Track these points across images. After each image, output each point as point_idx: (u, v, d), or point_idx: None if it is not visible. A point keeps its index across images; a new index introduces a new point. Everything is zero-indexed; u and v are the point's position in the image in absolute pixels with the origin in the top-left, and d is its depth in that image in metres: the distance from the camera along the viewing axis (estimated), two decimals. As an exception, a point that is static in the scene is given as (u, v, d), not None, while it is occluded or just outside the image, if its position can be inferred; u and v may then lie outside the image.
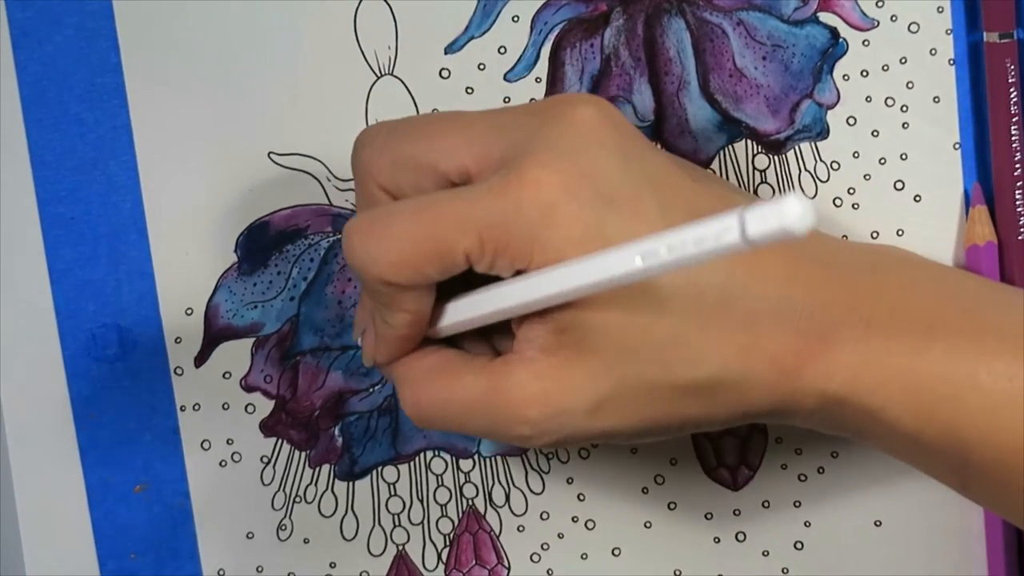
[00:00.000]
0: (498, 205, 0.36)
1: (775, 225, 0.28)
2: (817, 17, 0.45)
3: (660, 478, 0.47)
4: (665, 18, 0.46)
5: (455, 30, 0.46)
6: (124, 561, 0.47)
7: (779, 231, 0.28)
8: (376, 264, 0.37)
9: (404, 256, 0.37)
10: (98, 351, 0.46)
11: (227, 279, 0.47)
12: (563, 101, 0.38)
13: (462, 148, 0.38)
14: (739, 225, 0.29)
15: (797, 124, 0.46)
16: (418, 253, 0.37)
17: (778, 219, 0.28)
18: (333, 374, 0.47)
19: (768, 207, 0.28)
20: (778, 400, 0.38)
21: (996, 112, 0.45)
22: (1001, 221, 0.45)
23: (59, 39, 0.45)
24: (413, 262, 0.37)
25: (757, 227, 0.28)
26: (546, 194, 0.36)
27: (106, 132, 0.46)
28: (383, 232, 0.37)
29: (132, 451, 0.47)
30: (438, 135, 0.39)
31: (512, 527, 0.48)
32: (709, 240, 0.29)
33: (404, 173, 0.39)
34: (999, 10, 0.45)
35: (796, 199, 0.28)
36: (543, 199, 0.36)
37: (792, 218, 0.28)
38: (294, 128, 0.46)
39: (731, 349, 0.38)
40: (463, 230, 0.36)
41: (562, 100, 0.38)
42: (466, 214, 0.36)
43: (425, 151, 0.38)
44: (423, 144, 0.39)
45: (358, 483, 0.47)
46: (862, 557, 0.47)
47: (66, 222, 0.46)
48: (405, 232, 0.37)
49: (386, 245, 0.37)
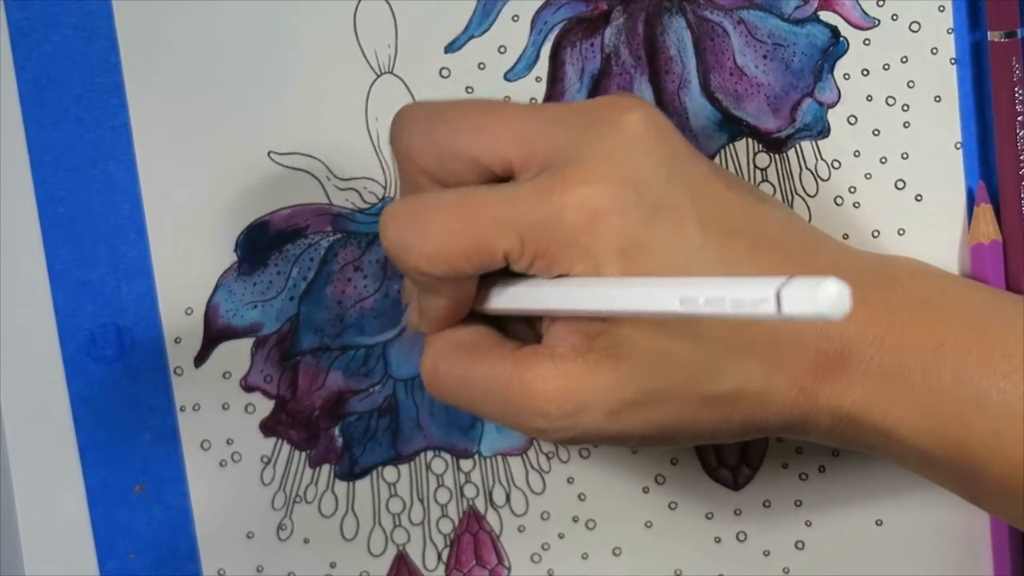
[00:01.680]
0: (541, 208, 0.36)
1: (811, 309, 0.29)
2: (818, 16, 0.45)
3: (661, 478, 0.47)
4: (665, 17, 0.45)
5: (455, 29, 0.46)
6: (123, 561, 0.47)
7: (813, 314, 0.29)
8: (411, 254, 0.37)
9: (441, 249, 0.37)
10: (97, 351, 0.46)
11: (227, 279, 0.46)
12: (611, 105, 0.38)
13: (506, 143, 0.38)
14: (775, 299, 0.30)
15: (798, 123, 0.46)
16: (455, 248, 0.37)
17: (814, 304, 0.29)
18: (333, 374, 0.47)
19: (806, 288, 0.29)
20: (795, 417, 0.39)
21: (1000, 111, 0.45)
22: (1005, 220, 0.45)
23: (58, 39, 0.45)
24: (449, 256, 0.37)
25: (792, 306, 0.29)
26: (590, 202, 0.36)
27: (105, 132, 0.46)
28: (421, 223, 0.37)
29: (131, 451, 0.47)
30: (482, 128, 0.38)
31: (512, 527, 0.48)
32: (745, 305, 0.31)
33: (445, 161, 0.38)
34: (1002, 9, 0.44)
35: (834, 284, 0.29)
36: (587, 205, 0.36)
37: (827, 303, 0.29)
38: (294, 127, 0.46)
39: (754, 366, 0.38)
40: (503, 230, 0.36)
41: (611, 104, 0.38)
42: (508, 214, 0.36)
43: (468, 143, 0.38)
44: (465, 136, 0.38)
45: (358, 483, 0.47)
46: (863, 557, 0.47)
47: (65, 222, 0.46)
48: (443, 225, 0.37)
49: (423, 236, 0.37)
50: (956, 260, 0.46)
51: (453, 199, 0.37)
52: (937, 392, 0.38)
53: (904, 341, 0.38)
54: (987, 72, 0.45)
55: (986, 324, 0.39)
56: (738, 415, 0.38)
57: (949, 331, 0.38)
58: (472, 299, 0.39)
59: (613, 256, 0.36)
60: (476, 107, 0.39)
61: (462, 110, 0.39)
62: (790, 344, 0.38)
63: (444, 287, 0.38)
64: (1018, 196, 0.45)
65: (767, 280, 0.30)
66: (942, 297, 0.39)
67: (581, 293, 0.36)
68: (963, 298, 0.40)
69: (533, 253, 0.37)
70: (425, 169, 0.39)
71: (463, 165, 0.38)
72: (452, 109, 0.39)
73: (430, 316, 0.40)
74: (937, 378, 0.38)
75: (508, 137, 0.38)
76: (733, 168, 0.46)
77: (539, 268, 0.37)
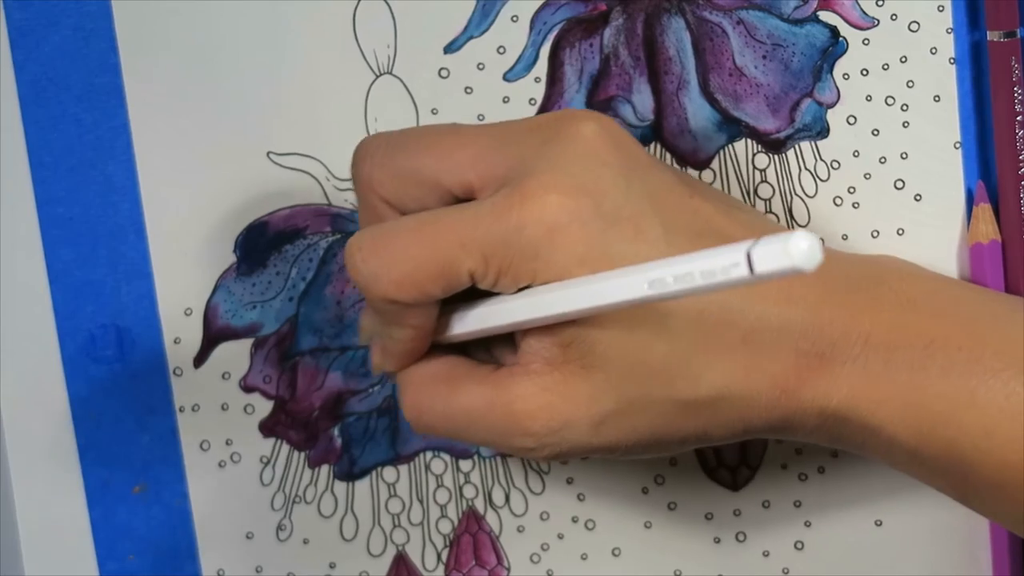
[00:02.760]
0: (501, 225, 0.36)
1: (783, 263, 0.29)
2: (817, 16, 0.45)
3: (660, 478, 0.47)
4: (665, 17, 0.45)
5: (454, 30, 0.46)
6: (123, 562, 0.47)
7: (787, 268, 0.29)
8: (379, 282, 0.37)
9: (407, 275, 0.37)
10: (97, 352, 0.46)
11: (226, 279, 0.47)
12: (565, 118, 0.38)
13: (465, 164, 0.38)
14: (746, 260, 0.29)
15: (797, 123, 0.46)
16: (421, 272, 0.37)
17: (786, 256, 0.28)
18: (332, 375, 0.47)
19: (776, 243, 0.29)
20: (778, 418, 0.39)
21: (1000, 111, 0.45)
22: (1004, 220, 0.45)
23: (57, 39, 0.45)
24: (416, 281, 0.37)
25: (764, 263, 0.29)
26: (549, 214, 0.36)
27: (104, 132, 0.46)
28: (386, 250, 0.37)
29: (131, 452, 0.47)
30: (440, 151, 0.39)
31: (512, 528, 0.48)
32: (717, 274, 0.30)
33: (407, 187, 0.39)
34: (1002, 9, 0.44)
35: (803, 236, 0.28)
36: (546, 219, 0.36)
37: (799, 255, 0.28)
38: (293, 128, 0.46)
39: (732, 368, 0.38)
40: (466, 250, 0.37)
41: (564, 117, 0.38)
42: (469, 233, 0.37)
43: (427, 167, 0.39)
44: (425, 160, 0.39)
45: (357, 483, 0.47)
46: (863, 557, 0.47)
47: (64, 222, 0.46)
48: (408, 251, 0.37)
49: (389, 263, 0.37)
50: (955, 260, 0.46)
51: (415, 224, 0.37)
52: (925, 390, 0.38)
53: (891, 339, 0.38)
54: (986, 72, 0.45)
55: (976, 323, 0.39)
56: (721, 419, 0.38)
57: (939, 330, 0.38)
58: (434, 328, 0.40)
59: (576, 266, 0.36)
60: (434, 132, 0.40)
61: (421, 135, 0.40)
62: (767, 346, 0.38)
63: (409, 315, 0.38)
64: (1017, 196, 0.45)
65: (735, 246, 0.30)
66: (932, 296, 0.39)
67: (548, 298, 0.36)
68: (953, 297, 0.40)
69: (497, 269, 0.37)
70: (385, 198, 0.39)
71: (425, 190, 0.39)
72: (411, 135, 0.40)
73: (394, 351, 0.40)
74: (925, 376, 0.38)
75: (467, 158, 0.38)
76: (732, 169, 0.46)
77: (504, 284, 0.37)
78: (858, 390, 0.38)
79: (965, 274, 0.46)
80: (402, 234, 0.37)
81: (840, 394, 0.38)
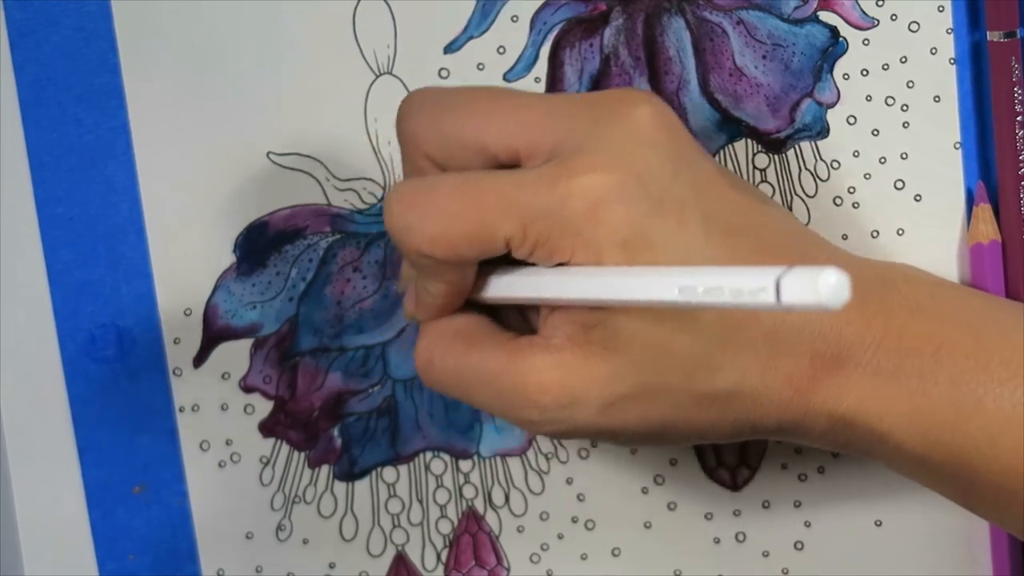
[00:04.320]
0: (545, 196, 0.36)
1: (810, 298, 0.29)
2: (817, 16, 0.45)
3: (660, 478, 0.47)
4: (665, 17, 0.45)
5: (454, 30, 0.46)
6: (123, 562, 0.47)
7: (812, 303, 0.29)
8: (413, 235, 0.37)
9: (443, 232, 0.37)
10: (96, 352, 0.46)
11: (226, 279, 0.46)
12: (620, 97, 0.38)
13: (514, 131, 0.38)
14: (775, 287, 0.29)
15: (797, 123, 0.46)
16: (458, 231, 0.37)
17: (813, 292, 0.29)
18: (332, 375, 0.47)
19: (805, 276, 0.29)
20: (789, 418, 0.39)
21: (1000, 111, 0.45)
22: (1004, 220, 0.45)
23: (57, 39, 0.45)
24: (451, 240, 0.37)
25: (791, 295, 0.29)
26: (595, 192, 0.36)
27: (104, 132, 0.46)
28: (424, 204, 0.37)
29: (131, 452, 0.47)
30: (489, 116, 0.38)
31: (512, 528, 0.48)
32: (744, 294, 0.30)
33: (451, 149, 0.38)
34: (1002, 9, 0.44)
35: (833, 273, 0.28)
36: (591, 196, 0.36)
37: (827, 292, 0.29)
38: (293, 128, 0.46)
39: (750, 365, 0.38)
40: (506, 215, 0.36)
41: (620, 96, 0.38)
42: (511, 199, 0.36)
43: (474, 130, 0.38)
44: (472, 123, 0.38)
45: (357, 484, 0.47)
46: (863, 557, 0.47)
47: (64, 222, 0.46)
48: (447, 208, 0.37)
49: (426, 218, 0.37)
50: (955, 260, 0.46)
51: (457, 182, 0.37)
52: (933, 397, 0.38)
53: (902, 345, 0.38)
54: (986, 72, 0.45)
55: (983, 330, 0.39)
56: (732, 414, 0.38)
57: (947, 336, 0.38)
58: (470, 287, 0.39)
59: (615, 247, 0.36)
60: (484, 94, 0.39)
61: (470, 97, 0.39)
62: (787, 344, 0.38)
63: (444, 271, 0.38)
64: (1017, 196, 0.45)
65: (767, 269, 0.30)
66: (936, 302, 0.39)
67: (579, 282, 0.36)
68: (958, 303, 0.40)
69: (535, 240, 0.36)
70: (429, 154, 0.39)
71: (469, 152, 0.38)
72: (460, 96, 0.39)
73: (427, 303, 0.40)
74: (934, 383, 0.38)
75: (516, 125, 0.38)
76: (732, 169, 0.46)
77: (540, 256, 0.37)
78: (867, 395, 0.38)
79: (965, 274, 0.46)
80: (442, 190, 0.37)
81: (850, 398, 0.38)
